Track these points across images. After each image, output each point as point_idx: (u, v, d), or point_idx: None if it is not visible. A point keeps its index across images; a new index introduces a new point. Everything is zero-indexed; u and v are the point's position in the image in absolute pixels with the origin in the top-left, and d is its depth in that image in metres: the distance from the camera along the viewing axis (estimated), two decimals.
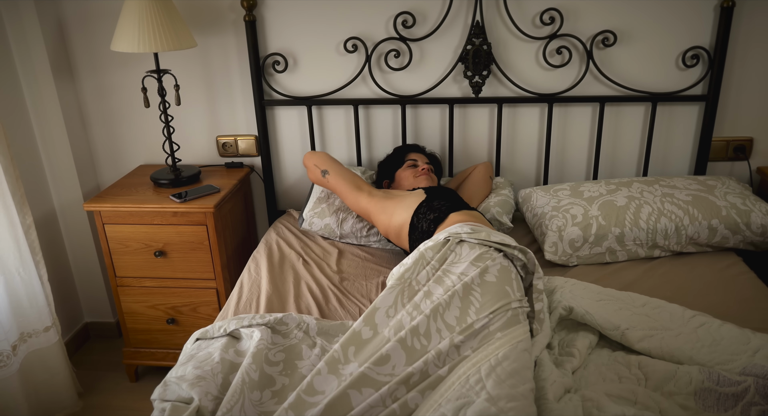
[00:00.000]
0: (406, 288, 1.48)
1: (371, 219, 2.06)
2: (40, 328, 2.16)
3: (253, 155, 2.56)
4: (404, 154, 2.26)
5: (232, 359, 1.48)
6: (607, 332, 1.54)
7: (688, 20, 2.20)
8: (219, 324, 1.61)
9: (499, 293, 1.42)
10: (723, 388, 1.31)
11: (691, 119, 2.34)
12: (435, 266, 1.53)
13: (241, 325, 1.58)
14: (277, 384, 1.41)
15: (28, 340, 2.14)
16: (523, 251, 1.57)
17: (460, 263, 1.52)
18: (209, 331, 1.60)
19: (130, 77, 2.44)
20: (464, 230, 1.61)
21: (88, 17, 2.37)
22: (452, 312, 1.38)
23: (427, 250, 1.57)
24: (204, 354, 1.50)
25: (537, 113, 2.39)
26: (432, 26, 2.28)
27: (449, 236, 1.60)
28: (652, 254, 2.00)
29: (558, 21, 2.22)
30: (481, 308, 1.38)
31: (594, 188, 2.13)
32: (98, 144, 2.58)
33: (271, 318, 1.59)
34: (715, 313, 1.64)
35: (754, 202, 2.01)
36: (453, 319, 1.37)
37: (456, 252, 1.55)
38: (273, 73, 2.40)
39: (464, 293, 1.42)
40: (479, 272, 1.47)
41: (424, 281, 1.50)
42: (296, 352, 1.52)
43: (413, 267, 1.53)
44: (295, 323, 1.61)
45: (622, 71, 2.29)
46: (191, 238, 2.22)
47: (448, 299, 1.40)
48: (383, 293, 1.47)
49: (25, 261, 2.08)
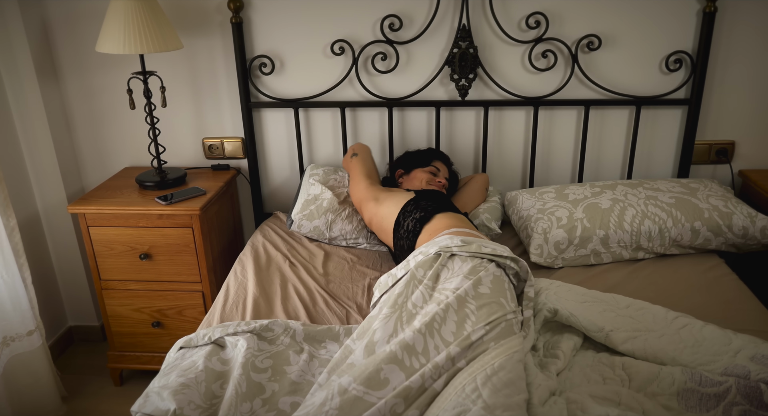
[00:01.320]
0: (404, 313, 1.41)
1: (361, 207, 2.08)
2: (23, 332, 2.14)
3: (240, 157, 2.55)
4: (432, 158, 2.26)
5: (216, 367, 1.46)
6: (592, 334, 1.55)
7: (672, 25, 2.23)
8: (203, 331, 1.59)
9: (493, 306, 1.40)
10: (705, 389, 1.33)
11: (674, 122, 2.37)
12: (429, 285, 1.48)
13: (226, 333, 1.56)
14: (267, 391, 1.40)
15: (10, 344, 2.12)
16: (515, 260, 1.56)
17: (454, 278, 1.48)
18: (193, 339, 1.57)
19: (115, 79, 2.43)
20: (455, 242, 1.57)
21: (73, 18, 2.35)
22: (448, 327, 1.34)
23: (418, 268, 1.52)
24: (188, 363, 1.47)
25: (523, 116, 2.40)
26: (419, 29, 2.29)
27: (440, 250, 1.55)
28: (636, 256, 2.02)
29: (543, 25, 2.24)
30: (477, 320, 1.36)
31: (579, 191, 2.14)
32: (83, 146, 2.56)
33: (257, 324, 1.58)
34: (697, 314, 1.66)
35: (736, 204, 2.03)
36: (450, 334, 1.33)
37: (448, 267, 1.51)
38: (260, 75, 2.40)
39: (459, 306, 1.38)
40: (472, 284, 1.43)
41: (420, 303, 1.44)
42: (284, 358, 1.51)
43: (405, 289, 1.46)
44: (281, 329, 1.59)
45: (607, 75, 2.31)
46: (177, 241, 2.21)
47: (442, 313, 1.36)
48: (381, 323, 1.38)
49: (9, 264, 2.06)
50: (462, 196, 2.28)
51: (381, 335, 1.34)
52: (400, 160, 2.31)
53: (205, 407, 1.35)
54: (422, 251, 1.60)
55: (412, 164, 2.26)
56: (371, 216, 2.03)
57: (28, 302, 2.13)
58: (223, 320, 1.75)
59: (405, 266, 1.59)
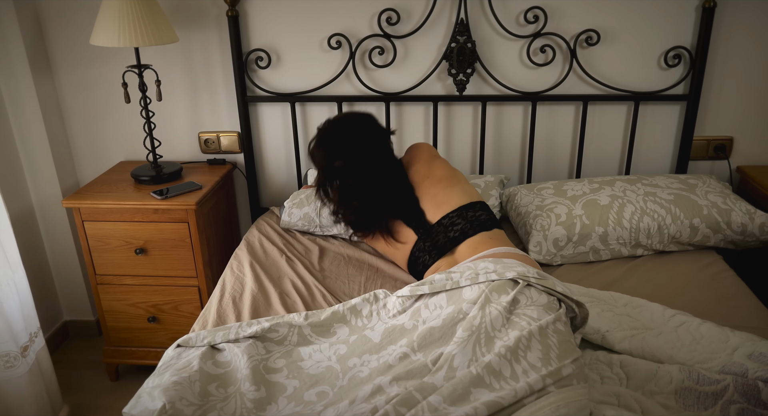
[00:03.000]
0: (483, 336, 1.34)
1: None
2: (35, 329, 2.15)
3: (236, 151, 2.53)
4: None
5: (211, 371, 1.42)
6: (588, 336, 1.55)
7: (670, 20, 2.22)
8: (203, 334, 1.53)
9: (570, 344, 1.35)
10: (703, 387, 1.33)
11: (672, 118, 2.36)
12: (508, 308, 1.38)
13: (227, 339, 1.50)
14: (289, 389, 1.36)
15: (35, 340, 2.13)
16: (579, 304, 1.46)
17: (534, 307, 1.40)
18: (192, 339, 1.52)
19: (110, 72, 2.41)
20: (531, 273, 1.46)
21: (67, 11, 2.33)
22: (534, 354, 1.29)
23: (492, 292, 1.42)
24: (183, 363, 1.44)
25: (521, 111, 2.39)
26: (416, 23, 2.27)
27: (518, 277, 1.44)
28: (635, 253, 2.02)
29: (542, 19, 2.22)
30: (561, 354, 1.30)
31: (577, 187, 2.13)
32: (78, 140, 2.54)
33: (259, 327, 1.51)
34: (695, 311, 1.66)
35: (735, 201, 2.03)
36: (537, 360, 1.28)
37: (527, 295, 1.43)
38: (256, 69, 2.38)
39: (541, 337, 1.32)
40: (553, 318, 1.37)
41: (498, 325, 1.36)
42: (296, 355, 1.47)
43: (481, 312, 1.37)
44: (285, 329, 1.53)
45: (605, 70, 2.30)
46: (173, 235, 2.19)
47: (526, 341, 1.31)
48: (458, 347, 1.31)
49: (14, 263, 2.07)
50: (425, 187, 1.90)
51: (460, 361, 1.30)
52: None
53: (200, 404, 1.33)
54: (496, 273, 1.47)
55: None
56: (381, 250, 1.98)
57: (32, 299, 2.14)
58: (219, 315, 1.74)
59: (477, 294, 1.45)
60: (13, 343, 2.01)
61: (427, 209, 1.81)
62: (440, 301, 1.46)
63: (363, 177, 1.80)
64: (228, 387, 1.38)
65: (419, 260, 1.79)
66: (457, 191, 1.82)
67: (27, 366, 2.06)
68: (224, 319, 1.73)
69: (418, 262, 1.79)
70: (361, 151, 1.80)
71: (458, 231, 1.73)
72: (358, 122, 1.86)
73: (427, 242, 1.77)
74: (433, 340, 1.37)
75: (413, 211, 1.82)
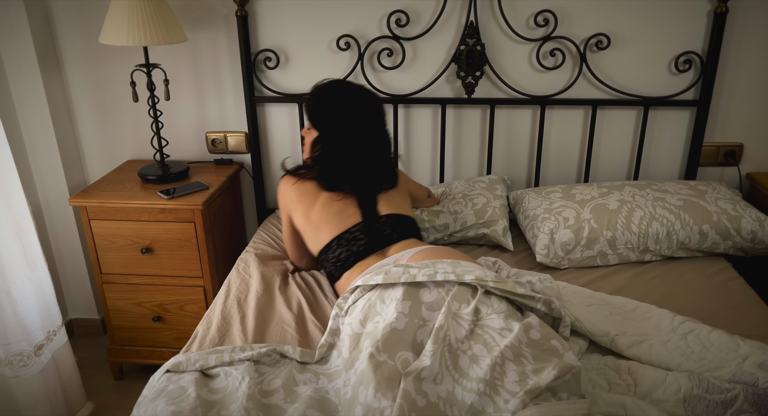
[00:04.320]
0: (447, 350, 1.33)
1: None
2: (58, 323, 2.17)
3: (243, 152, 2.53)
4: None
5: (208, 398, 1.35)
6: (597, 338, 1.53)
7: (682, 25, 2.20)
8: (194, 357, 1.45)
9: (551, 349, 1.34)
10: (712, 395, 1.31)
11: (682, 123, 2.34)
12: (469, 320, 1.39)
13: (221, 361, 1.44)
14: (289, 411, 1.32)
15: (53, 338, 2.13)
16: (548, 303, 1.46)
17: (494, 315, 1.40)
18: (182, 363, 1.44)
19: (118, 71, 2.41)
20: (489, 276, 1.45)
21: (76, 9, 2.33)
22: (510, 378, 1.28)
23: (453, 301, 1.42)
24: (175, 389, 1.36)
25: (529, 114, 2.38)
26: (426, 26, 2.26)
27: (475, 281, 1.44)
28: (643, 258, 2.00)
29: (552, 23, 2.21)
30: (537, 368, 1.29)
31: (586, 191, 2.12)
32: (85, 138, 2.54)
33: (254, 352, 1.46)
34: (704, 319, 1.64)
35: (745, 208, 2.01)
36: (515, 384, 1.27)
37: (487, 304, 1.43)
38: (264, 70, 2.38)
39: (515, 357, 1.31)
40: (523, 330, 1.35)
41: (462, 337, 1.36)
42: (291, 378, 1.42)
43: (446, 323, 1.36)
44: (278, 356, 1.49)
45: (615, 75, 2.29)
46: (179, 235, 2.19)
47: (500, 368, 1.29)
48: (425, 358, 1.31)
49: (37, 258, 2.09)
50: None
51: (427, 373, 1.29)
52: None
53: None
54: (454, 273, 1.46)
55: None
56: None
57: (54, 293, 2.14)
58: (224, 316, 1.74)
59: (427, 274, 1.46)
60: (26, 342, 2.00)
61: (380, 202, 1.84)
62: (396, 294, 1.45)
63: (368, 131, 1.85)
64: (222, 411, 1.32)
65: (352, 239, 1.76)
66: (407, 203, 1.95)
67: (41, 365, 2.05)
68: (228, 320, 1.72)
69: (351, 239, 1.76)
70: (372, 106, 1.87)
71: (404, 231, 1.80)
72: (367, 89, 1.92)
73: (371, 228, 1.78)
74: (394, 341, 1.36)
75: (372, 193, 1.85)
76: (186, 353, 1.47)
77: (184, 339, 2.31)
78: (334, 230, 1.79)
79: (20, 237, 1.99)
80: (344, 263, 1.75)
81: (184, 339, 2.31)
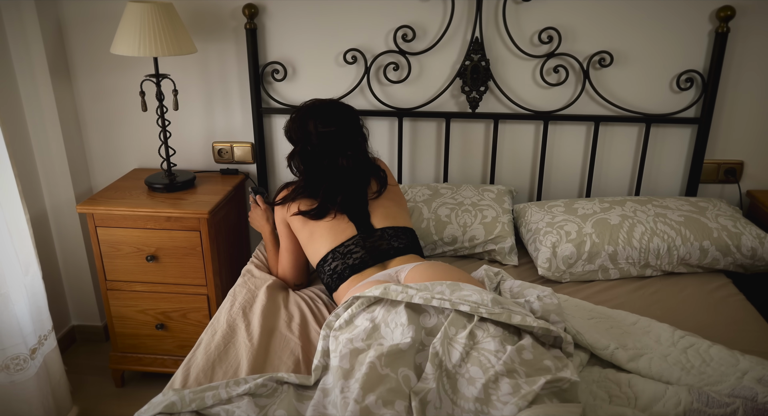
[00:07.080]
0: (444, 375, 1.34)
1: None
2: (49, 328, 2.18)
3: (249, 162, 2.56)
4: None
5: None
6: (598, 351, 1.55)
7: (684, 44, 2.24)
8: (189, 396, 1.36)
9: (544, 368, 1.35)
10: (712, 410, 1.32)
11: (683, 140, 2.37)
12: (465, 344, 1.39)
13: (219, 400, 1.36)
14: None
15: (44, 343, 2.14)
16: (546, 330, 1.45)
17: (489, 338, 1.40)
18: (177, 404, 1.34)
19: (128, 81, 2.44)
20: (486, 301, 1.45)
21: (88, 19, 2.37)
22: (504, 389, 1.29)
23: (450, 326, 1.42)
24: None
25: (533, 129, 2.41)
26: (431, 41, 2.30)
27: (471, 311, 1.44)
28: (643, 273, 2.02)
29: (556, 40, 2.25)
30: (530, 381, 1.30)
31: (588, 206, 2.15)
32: (93, 146, 2.57)
33: (250, 384, 1.40)
34: (704, 334, 1.66)
35: (745, 225, 2.03)
36: (508, 396, 1.28)
37: (483, 329, 1.43)
38: (272, 82, 2.41)
39: (508, 372, 1.32)
40: (516, 350, 1.37)
41: (458, 361, 1.36)
42: (291, 407, 1.40)
43: (441, 348, 1.37)
44: (274, 384, 1.45)
45: (618, 92, 2.32)
46: (184, 243, 2.21)
47: (493, 385, 1.30)
48: (429, 381, 1.31)
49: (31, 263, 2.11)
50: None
51: (432, 397, 1.30)
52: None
53: None
54: (450, 300, 1.46)
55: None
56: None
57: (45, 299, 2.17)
58: (229, 324, 1.75)
59: (423, 297, 1.46)
60: (23, 346, 2.02)
61: (374, 215, 1.85)
62: (401, 319, 1.46)
63: (349, 148, 1.85)
64: None
65: (347, 253, 1.77)
66: (405, 214, 1.94)
67: (35, 369, 2.07)
68: (234, 328, 1.73)
69: (346, 253, 1.77)
70: (352, 123, 1.89)
71: (402, 245, 1.81)
72: (348, 106, 1.94)
73: (367, 242, 1.79)
74: (396, 358, 1.36)
75: (362, 206, 1.86)
76: (178, 390, 1.39)
77: (187, 347, 2.32)
78: (327, 243, 1.82)
79: (16, 242, 2.02)
80: (340, 276, 1.78)
81: (187, 347, 2.32)
